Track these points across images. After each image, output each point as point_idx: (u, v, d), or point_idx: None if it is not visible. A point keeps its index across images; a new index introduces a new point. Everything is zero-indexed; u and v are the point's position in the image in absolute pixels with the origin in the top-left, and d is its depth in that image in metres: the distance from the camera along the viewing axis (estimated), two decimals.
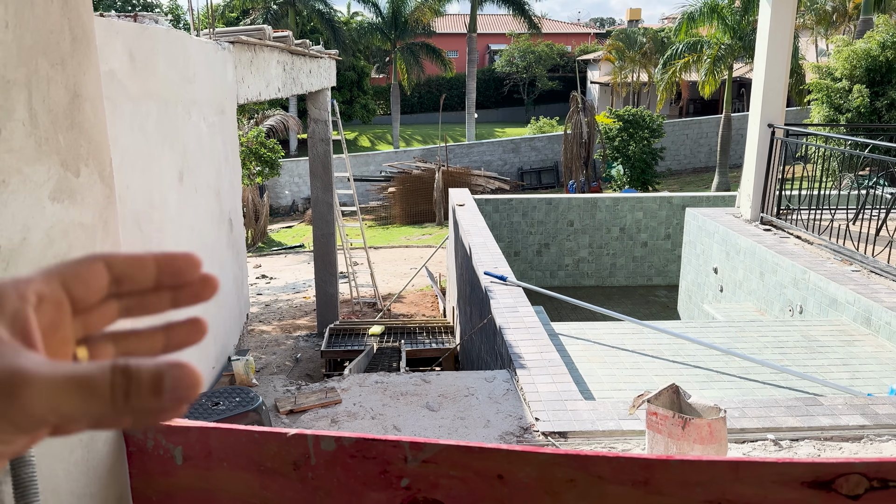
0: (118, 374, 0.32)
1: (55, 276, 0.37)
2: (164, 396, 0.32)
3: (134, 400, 0.32)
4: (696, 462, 1.08)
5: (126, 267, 0.39)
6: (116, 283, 0.39)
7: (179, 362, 0.33)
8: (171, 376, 0.33)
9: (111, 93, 2.76)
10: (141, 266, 0.39)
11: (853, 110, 13.35)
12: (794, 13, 7.07)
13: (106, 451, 1.28)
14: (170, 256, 0.40)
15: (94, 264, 0.38)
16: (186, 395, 0.33)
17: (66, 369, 0.32)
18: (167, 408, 0.33)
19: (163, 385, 0.32)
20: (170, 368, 0.33)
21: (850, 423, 3.37)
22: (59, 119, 1.13)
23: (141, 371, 0.32)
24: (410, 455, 1.18)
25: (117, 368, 0.32)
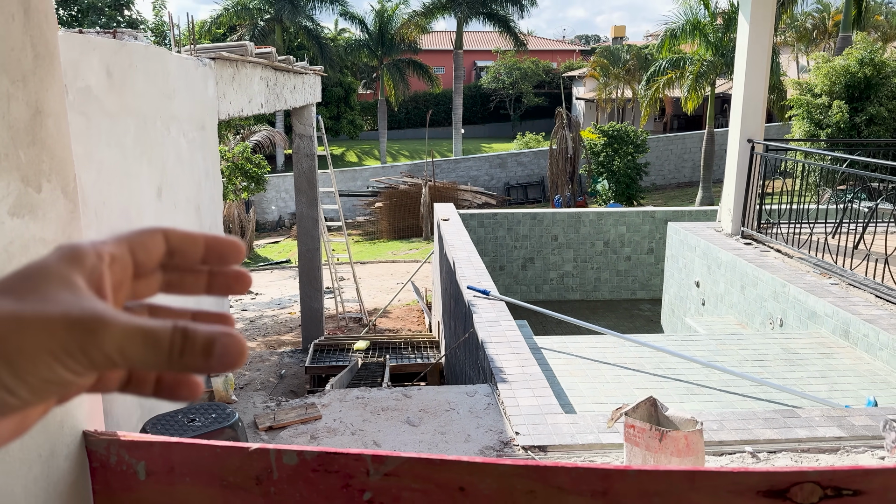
0: (178, 333, 0.37)
1: (125, 241, 0.42)
2: (212, 359, 0.37)
3: (186, 357, 0.37)
4: (653, 472, 1.09)
5: (180, 242, 0.44)
6: (170, 254, 0.44)
7: (231, 332, 0.38)
8: (220, 343, 0.37)
9: (87, 108, 2.76)
10: (193, 243, 0.44)
11: (833, 125, 13.54)
12: (771, 31, 7.18)
13: (67, 467, 1.27)
14: (218, 239, 0.45)
15: (156, 234, 0.43)
16: (231, 362, 0.38)
17: (137, 320, 0.37)
18: (213, 368, 0.38)
19: (213, 350, 0.37)
20: (221, 336, 0.38)
21: (828, 434, 3.39)
22: (20, 135, 1.14)
23: (197, 334, 0.37)
24: (373, 468, 1.18)
25: (178, 328, 0.37)
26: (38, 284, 0.37)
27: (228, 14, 28.47)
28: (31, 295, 0.36)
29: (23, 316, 0.35)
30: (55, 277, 0.37)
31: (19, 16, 1.14)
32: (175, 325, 0.37)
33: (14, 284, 0.37)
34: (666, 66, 19.83)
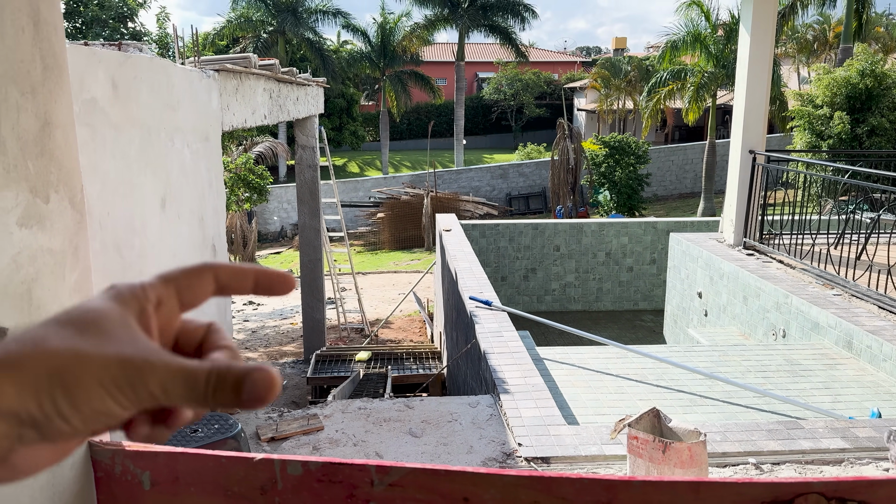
0: (213, 374, 0.40)
1: (172, 282, 0.44)
2: (242, 396, 0.40)
3: (219, 395, 0.40)
4: (657, 483, 1.09)
5: (230, 278, 0.46)
6: (220, 290, 0.46)
7: (263, 368, 0.40)
8: (251, 381, 0.40)
9: (93, 120, 2.78)
10: (242, 278, 0.46)
11: (834, 136, 13.57)
12: (772, 42, 7.22)
13: (73, 477, 1.28)
14: (268, 273, 0.47)
15: (205, 274, 0.45)
16: (261, 398, 0.40)
17: (178, 361, 0.40)
18: (244, 405, 0.40)
19: (242, 387, 0.40)
20: (253, 373, 0.40)
21: (832, 446, 3.38)
22: (29, 146, 1.15)
23: (230, 373, 0.40)
24: (377, 479, 1.18)
25: (213, 369, 0.40)
26: (97, 322, 0.40)
27: (231, 26, 28.64)
28: (90, 332, 0.40)
29: (83, 351, 0.39)
30: (112, 317, 0.41)
31: (29, 28, 1.15)
32: (211, 366, 0.40)
33: (75, 319, 0.40)
34: (667, 78, 19.90)
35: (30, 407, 0.37)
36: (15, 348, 0.38)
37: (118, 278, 2.97)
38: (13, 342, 0.39)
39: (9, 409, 0.37)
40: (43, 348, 0.38)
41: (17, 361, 0.38)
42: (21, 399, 0.37)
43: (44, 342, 0.39)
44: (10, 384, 0.37)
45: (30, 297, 1.15)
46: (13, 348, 0.38)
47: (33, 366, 0.38)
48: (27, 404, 0.37)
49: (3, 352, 0.38)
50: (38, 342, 0.39)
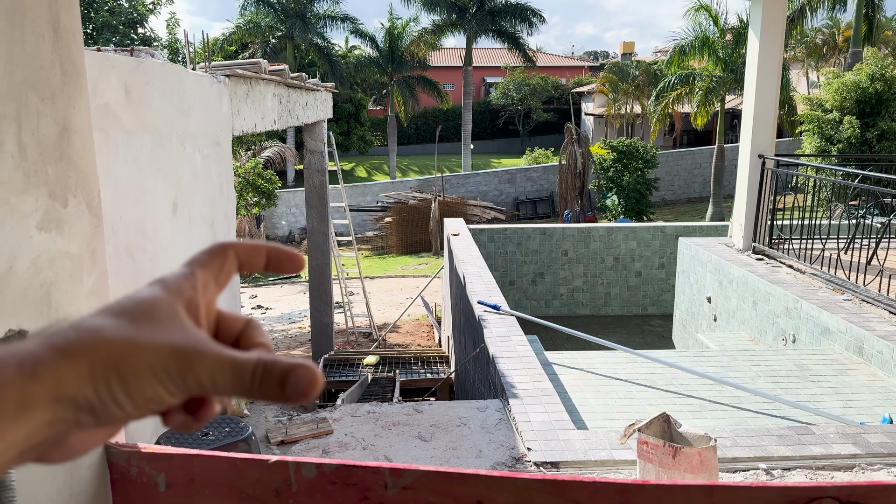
0: (260, 366, 0.41)
1: (207, 267, 0.46)
2: (286, 390, 0.41)
3: (265, 387, 0.41)
4: (671, 487, 1.09)
5: (246, 255, 0.48)
6: (239, 268, 0.48)
7: (308, 366, 0.41)
8: (296, 375, 0.41)
9: (106, 125, 2.80)
10: (257, 255, 0.48)
11: (844, 141, 13.51)
12: (781, 46, 7.20)
13: (89, 478, 1.29)
14: (279, 250, 0.48)
15: (228, 253, 0.47)
16: (304, 392, 0.41)
17: (227, 352, 0.42)
18: (288, 398, 0.41)
19: (287, 381, 0.41)
20: (296, 369, 0.41)
21: (842, 451, 3.37)
22: (48, 151, 1.16)
23: (276, 367, 0.41)
24: (390, 481, 1.19)
25: (260, 362, 0.41)
26: (149, 312, 0.42)
27: (241, 31, 28.79)
28: (143, 321, 0.41)
29: (138, 340, 0.40)
30: (163, 307, 0.42)
31: (49, 35, 1.17)
32: (258, 359, 0.41)
33: (128, 309, 0.42)
34: (675, 82, 19.88)
35: (88, 393, 0.39)
36: (74, 337, 0.40)
37: (130, 282, 2.99)
38: (71, 330, 0.40)
39: (70, 396, 0.38)
40: (100, 337, 0.40)
41: (77, 350, 0.39)
42: (81, 386, 0.39)
43: (101, 331, 0.40)
44: (71, 372, 0.38)
45: (49, 300, 1.17)
46: (73, 337, 0.40)
47: (92, 354, 0.39)
48: (86, 391, 0.39)
49: (63, 340, 0.39)
50: (95, 331, 0.40)
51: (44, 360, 0.38)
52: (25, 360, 0.38)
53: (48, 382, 0.38)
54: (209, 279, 0.46)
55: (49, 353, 0.39)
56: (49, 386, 0.38)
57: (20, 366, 0.38)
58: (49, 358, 0.38)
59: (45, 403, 0.38)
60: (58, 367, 0.38)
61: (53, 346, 0.39)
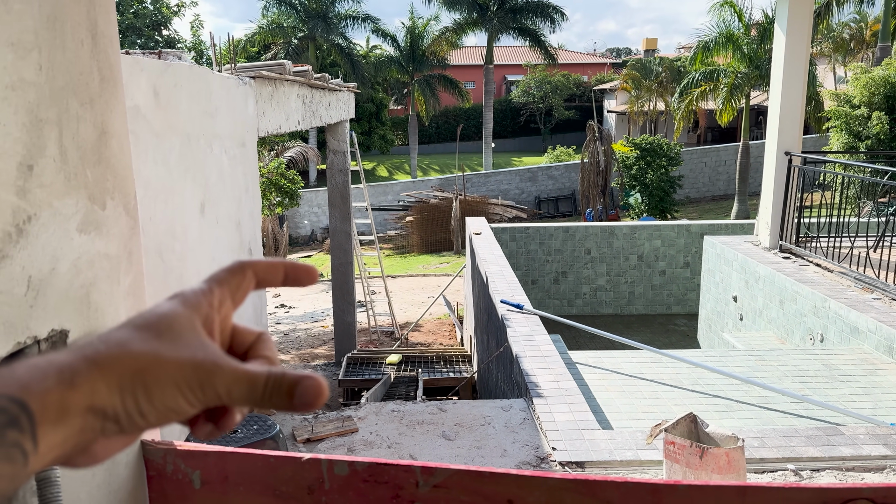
0: (271, 379, 0.43)
1: (225, 284, 0.48)
2: (294, 400, 0.43)
3: (274, 398, 0.43)
4: (703, 487, 1.09)
5: (264, 272, 0.50)
6: (257, 285, 0.50)
7: (313, 377, 0.44)
8: (303, 387, 0.43)
9: (136, 128, 2.85)
10: (274, 271, 0.50)
11: (872, 137, 13.28)
12: (808, 41, 7.10)
13: (127, 475, 1.32)
14: (295, 266, 0.50)
15: (246, 271, 0.49)
16: (310, 402, 0.43)
17: (242, 367, 0.44)
18: (296, 408, 0.43)
19: (295, 392, 0.43)
20: (304, 380, 0.43)
21: (873, 453, 3.32)
22: (88, 155, 1.19)
23: (284, 380, 0.43)
24: (422, 480, 1.20)
25: (271, 375, 0.44)
26: (171, 326, 0.44)
27: (263, 32, 29.02)
28: (166, 335, 0.43)
29: (162, 354, 0.42)
30: (184, 323, 0.45)
31: (87, 41, 1.19)
32: (269, 372, 0.44)
33: (152, 324, 0.44)
34: (699, 79, 19.67)
35: (115, 403, 0.41)
36: (104, 349, 0.42)
37: (160, 282, 3.04)
38: (100, 343, 0.42)
39: (99, 406, 0.40)
40: (128, 350, 0.42)
41: (108, 361, 0.41)
42: (110, 396, 0.41)
43: (128, 344, 0.42)
44: (101, 382, 0.41)
45: (88, 301, 1.19)
46: (103, 349, 0.42)
47: (120, 366, 0.41)
48: (114, 401, 0.41)
49: (95, 352, 0.42)
50: (123, 344, 0.42)
51: (80, 370, 0.40)
52: (64, 369, 0.40)
53: (83, 392, 0.40)
54: (226, 296, 0.48)
55: (84, 364, 0.41)
56: (84, 395, 0.40)
57: (59, 374, 0.40)
58: (84, 369, 0.41)
59: (80, 412, 0.40)
60: (92, 377, 0.40)
61: (87, 358, 0.41)
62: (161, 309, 0.45)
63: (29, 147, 1.04)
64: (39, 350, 1.08)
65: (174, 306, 0.45)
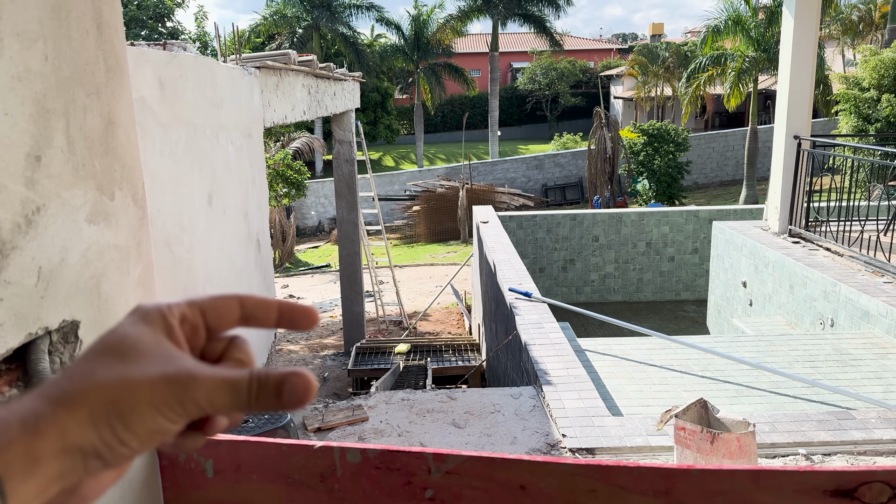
0: (254, 380, 0.42)
1: (197, 305, 0.46)
2: (283, 398, 0.42)
3: (262, 399, 0.42)
4: (716, 471, 1.08)
5: (255, 309, 0.48)
6: (245, 320, 0.48)
7: (299, 373, 0.42)
8: (290, 384, 0.42)
9: (142, 119, 2.85)
10: (266, 310, 0.48)
11: (882, 120, 13.16)
12: (817, 24, 7.03)
13: (139, 465, 1.32)
14: (292, 307, 0.48)
15: (231, 302, 0.47)
16: (299, 399, 0.42)
17: (219, 372, 0.42)
18: (285, 406, 0.42)
19: (283, 389, 0.42)
20: (290, 377, 0.42)
21: (884, 436, 3.31)
22: (95, 145, 1.19)
23: (269, 379, 0.42)
24: (434, 466, 1.20)
25: (253, 376, 0.42)
26: (135, 346, 0.42)
27: (267, 23, 28.96)
28: (131, 357, 0.41)
29: (131, 378, 0.40)
30: (146, 340, 0.43)
31: (93, 31, 1.19)
32: (251, 373, 0.42)
33: (113, 347, 0.42)
34: (707, 63, 19.52)
35: (92, 438, 0.39)
36: (69, 386, 0.40)
37: (169, 274, 3.05)
38: (63, 379, 0.41)
39: (75, 444, 0.39)
40: (93, 382, 0.40)
41: (74, 398, 0.39)
42: (84, 433, 0.39)
43: (93, 375, 0.41)
44: (71, 420, 0.39)
45: (98, 292, 1.19)
46: (66, 386, 0.40)
47: (89, 400, 0.39)
48: (89, 436, 0.39)
49: (59, 391, 0.40)
50: (87, 376, 0.40)
51: (44, 414, 0.39)
52: (27, 417, 0.39)
53: (52, 435, 0.38)
54: (197, 318, 0.46)
55: (48, 407, 0.39)
56: (53, 439, 0.38)
57: (22, 423, 0.38)
58: (49, 411, 0.39)
59: (53, 456, 0.38)
60: (59, 418, 0.39)
61: (51, 399, 0.39)
62: (121, 329, 0.43)
63: (36, 138, 1.04)
64: (51, 341, 1.09)
65: (133, 324, 0.43)
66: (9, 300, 0.99)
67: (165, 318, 0.44)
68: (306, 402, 0.42)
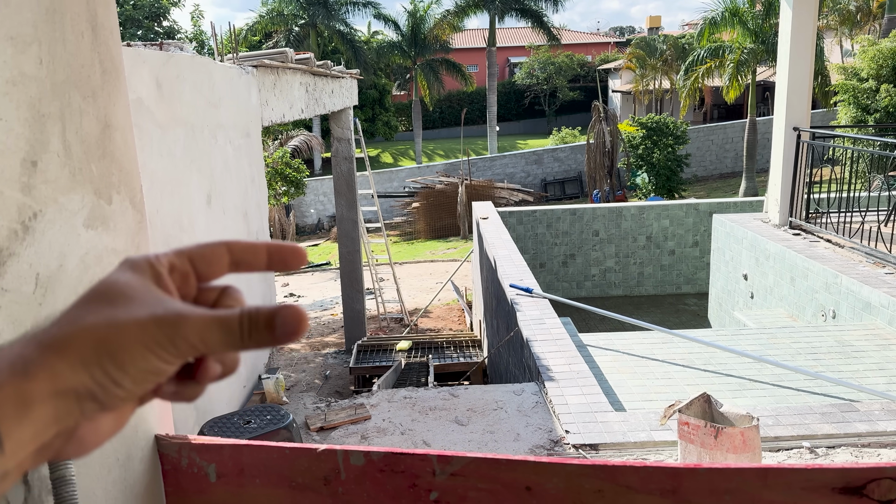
0: (245, 316, 0.42)
1: (185, 253, 0.47)
2: (275, 332, 0.42)
3: (255, 334, 0.42)
4: (724, 470, 1.07)
5: (243, 253, 0.48)
6: (234, 265, 0.48)
7: (290, 306, 0.42)
8: (280, 316, 0.42)
9: (139, 120, 2.83)
10: (255, 253, 0.48)
11: (881, 110, 13.13)
12: (816, 14, 7.00)
13: (142, 470, 1.31)
14: (280, 247, 0.48)
15: (218, 248, 0.47)
16: (293, 331, 0.42)
17: (209, 311, 0.43)
18: (279, 340, 0.42)
19: (275, 323, 0.42)
20: (281, 310, 0.42)
21: (888, 428, 3.30)
22: (92, 149, 1.17)
23: (259, 313, 0.42)
24: (438, 468, 1.19)
25: (244, 312, 0.42)
26: (123, 292, 0.42)
27: (264, 21, 28.90)
28: (119, 301, 0.42)
29: (119, 319, 0.41)
30: (134, 285, 0.43)
31: (88, 33, 1.17)
32: (242, 310, 0.42)
33: (101, 294, 0.42)
34: (705, 56, 19.48)
35: (84, 380, 0.40)
36: (57, 331, 0.41)
37: None
38: (52, 326, 0.41)
39: (66, 387, 0.39)
40: (82, 325, 0.41)
41: (62, 342, 0.40)
42: (75, 374, 0.39)
43: (81, 319, 0.41)
44: (62, 363, 0.39)
45: None
46: (55, 331, 0.41)
47: (78, 342, 0.40)
48: (81, 378, 0.39)
49: (48, 336, 0.41)
50: (74, 320, 0.41)
51: (32, 358, 0.39)
52: (15, 361, 0.39)
53: (43, 378, 0.39)
54: (184, 263, 0.46)
55: (37, 351, 0.40)
56: (44, 381, 0.39)
57: (11, 367, 0.39)
58: (37, 355, 0.39)
59: (45, 399, 0.39)
60: (48, 361, 0.39)
61: (40, 344, 0.40)
62: (109, 278, 0.44)
63: (32, 143, 1.03)
64: None
65: (121, 272, 0.44)
66: (7, 308, 0.98)
67: (153, 267, 0.45)
68: (299, 335, 0.42)
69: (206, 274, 0.47)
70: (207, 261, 0.47)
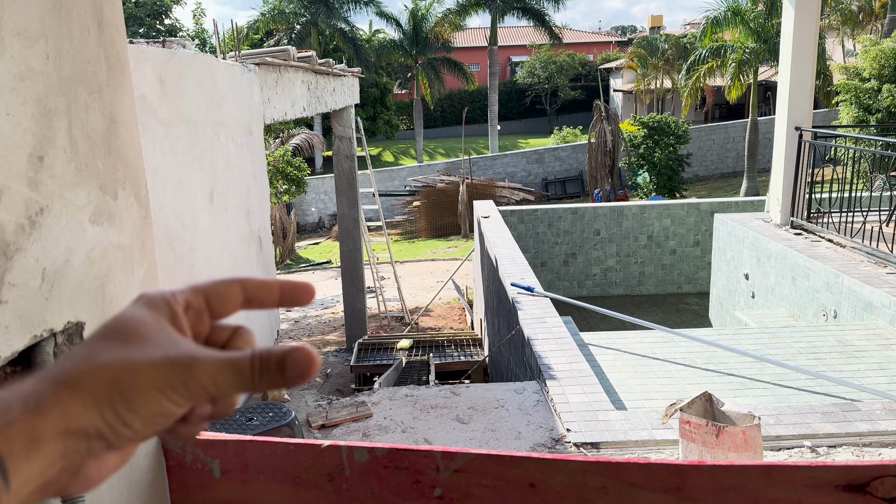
0: (256, 359, 0.42)
1: (201, 291, 0.47)
2: (286, 374, 0.42)
3: (266, 377, 0.42)
4: (728, 467, 1.08)
5: (256, 290, 0.48)
6: (248, 303, 0.48)
7: (300, 347, 0.43)
8: (292, 359, 0.42)
9: (142, 117, 2.83)
10: (268, 290, 0.49)
11: (883, 110, 13.12)
12: (818, 14, 7.00)
13: (146, 466, 1.32)
14: (291, 284, 0.49)
15: (233, 286, 0.48)
16: (304, 373, 0.42)
17: (222, 354, 0.43)
18: (290, 382, 0.42)
19: (286, 365, 0.42)
20: (292, 352, 0.42)
21: (890, 428, 3.30)
22: (98, 145, 1.18)
23: (271, 356, 0.42)
24: (442, 465, 1.19)
25: (255, 355, 0.42)
26: (137, 330, 0.43)
27: (265, 19, 28.89)
28: (133, 340, 0.42)
29: (133, 360, 0.41)
30: (149, 324, 0.43)
31: (94, 29, 1.18)
32: (253, 352, 0.43)
33: (117, 331, 0.43)
34: (706, 55, 19.47)
35: (95, 420, 0.39)
36: (71, 368, 0.41)
37: (171, 272, 3.04)
38: (66, 362, 0.41)
39: (77, 426, 0.39)
40: (96, 363, 0.41)
41: (76, 380, 0.40)
42: (87, 414, 0.39)
43: (95, 357, 0.41)
44: (74, 402, 0.39)
45: (103, 292, 1.18)
46: (69, 367, 0.41)
47: (91, 381, 0.40)
48: (92, 418, 0.39)
49: (61, 373, 0.40)
50: (89, 358, 0.41)
51: (45, 395, 0.39)
52: (28, 397, 0.39)
53: (54, 416, 0.39)
54: (200, 303, 0.46)
55: (50, 388, 0.39)
56: (55, 419, 0.39)
57: (24, 403, 0.39)
58: (50, 392, 0.39)
59: (54, 437, 0.39)
60: (60, 399, 0.39)
61: (53, 380, 0.40)
62: (124, 314, 0.44)
63: (39, 138, 1.03)
64: (56, 343, 1.08)
65: (137, 310, 0.44)
66: (14, 302, 0.98)
67: (169, 305, 0.45)
68: (310, 377, 0.43)
69: (219, 311, 0.48)
70: (222, 298, 0.47)
